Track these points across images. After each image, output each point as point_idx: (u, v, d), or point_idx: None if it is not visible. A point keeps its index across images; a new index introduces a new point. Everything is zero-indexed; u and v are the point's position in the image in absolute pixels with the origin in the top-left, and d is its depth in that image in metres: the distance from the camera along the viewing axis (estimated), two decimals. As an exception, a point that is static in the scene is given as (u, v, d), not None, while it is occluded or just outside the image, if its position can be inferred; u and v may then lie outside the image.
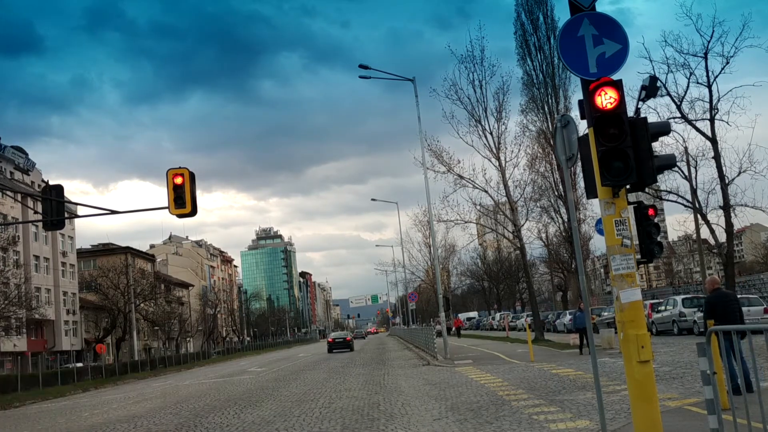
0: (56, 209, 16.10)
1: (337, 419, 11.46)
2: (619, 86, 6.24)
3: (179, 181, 14.36)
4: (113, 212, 17.37)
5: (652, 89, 18.63)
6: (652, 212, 7.14)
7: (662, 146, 23.78)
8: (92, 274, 64.46)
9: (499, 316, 62.71)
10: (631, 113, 9.24)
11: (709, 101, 25.37)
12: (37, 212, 31.39)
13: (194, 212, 14.66)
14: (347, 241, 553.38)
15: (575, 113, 13.31)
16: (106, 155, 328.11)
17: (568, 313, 42.93)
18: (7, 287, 38.90)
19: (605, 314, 34.32)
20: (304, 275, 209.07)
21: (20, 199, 49.11)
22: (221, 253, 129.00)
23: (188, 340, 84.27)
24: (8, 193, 43.04)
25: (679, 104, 25.76)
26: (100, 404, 21.42)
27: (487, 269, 78.56)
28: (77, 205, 21.47)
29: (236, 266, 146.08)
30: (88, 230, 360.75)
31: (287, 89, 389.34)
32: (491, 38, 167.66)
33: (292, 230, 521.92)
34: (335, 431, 10.34)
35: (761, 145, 52.22)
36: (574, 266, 44.06)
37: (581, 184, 22.21)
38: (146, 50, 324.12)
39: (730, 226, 26.21)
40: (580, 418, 9.35)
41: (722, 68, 25.00)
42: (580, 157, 6.94)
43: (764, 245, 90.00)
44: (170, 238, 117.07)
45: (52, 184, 16.82)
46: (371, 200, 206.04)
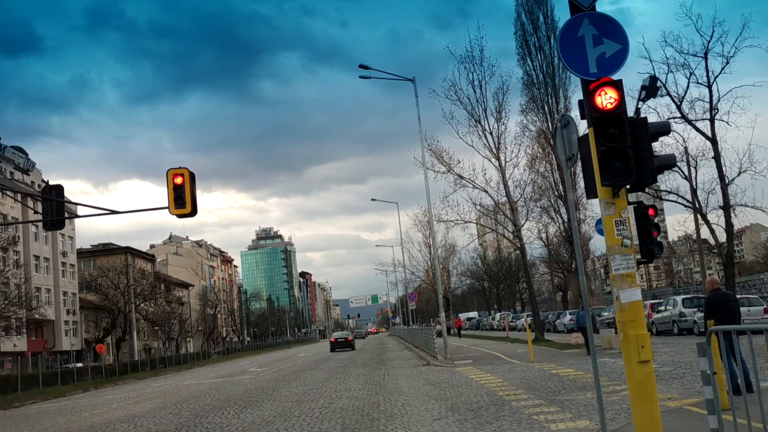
0: (56, 209, 16.11)
1: (337, 419, 11.46)
2: (619, 86, 6.24)
3: (179, 181, 14.36)
4: (113, 212, 17.39)
5: (652, 89, 18.61)
6: (652, 212, 7.15)
7: (662, 146, 23.80)
8: (92, 274, 64.49)
9: (499, 316, 62.71)
10: (631, 113, 9.24)
11: (709, 101, 25.37)
12: (37, 212, 31.38)
13: (194, 212, 14.67)
14: (347, 241, 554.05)
15: (575, 113, 13.31)
16: (106, 155, 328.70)
17: (568, 313, 42.95)
18: (7, 287, 38.90)
19: (605, 314, 34.31)
20: (304, 275, 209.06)
21: (20, 199, 49.13)
22: (221, 253, 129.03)
23: (188, 340, 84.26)
24: (8, 193, 43.05)
25: (679, 104, 25.75)
26: (100, 404, 21.43)
27: (487, 269, 78.54)
28: (77, 205, 21.47)
29: (236, 266, 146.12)
30: (88, 230, 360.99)
31: (287, 89, 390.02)
32: (491, 38, 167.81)
33: (292, 230, 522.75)
34: (335, 431, 10.34)
35: (761, 145, 52.14)
36: (574, 266, 44.04)
37: (581, 184, 22.18)
38: (146, 50, 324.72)
39: (730, 226, 26.20)
40: (580, 418, 9.35)
41: (722, 68, 25.00)
42: (580, 157, 6.94)
43: (764, 245, 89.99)
44: (170, 238, 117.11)
45: (52, 184, 16.82)
46: (371, 200, 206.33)
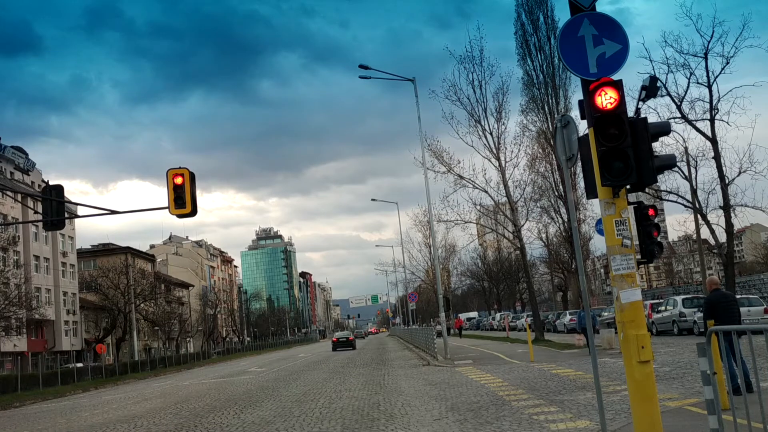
0: (56, 209, 16.10)
1: (337, 419, 11.46)
2: (619, 86, 6.24)
3: (179, 181, 14.35)
4: (113, 212, 17.38)
5: (652, 89, 18.57)
6: (652, 212, 7.15)
7: (662, 146, 23.83)
8: (92, 274, 64.47)
9: (499, 316, 62.74)
10: (631, 113, 9.23)
11: (709, 101, 25.40)
12: (37, 212, 31.37)
13: (194, 212, 14.66)
14: (347, 241, 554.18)
15: (575, 113, 13.27)
16: (105, 155, 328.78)
17: (568, 313, 42.96)
18: (7, 287, 38.88)
19: (605, 314, 34.32)
20: (304, 275, 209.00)
21: (20, 199, 49.14)
22: (221, 253, 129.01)
23: (188, 340, 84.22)
24: (8, 193, 43.04)
25: (679, 104, 25.77)
26: (100, 404, 21.43)
27: (487, 269, 78.53)
28: (77, 205, 21.42)
29: (236, 266, 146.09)
30: (88, 230, 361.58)
31: (286, 89, 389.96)
32: (490, 38, 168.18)
33: (291, 230, 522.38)
34: (335, 431, 10.34)
35: (761, 145, 52.10)
36: (574, 266, 44.02)
37: (581, 184, 22.19)
38: (145, 50, 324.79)
39: (730, 226, 26.20)
40: (580, 418, 9.35)
41: (722, 68, 25.04)
42: (580, 157, 6.94)
43: (764, 245, 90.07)
44: (170, 238, 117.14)
45: (51, 184, 16.81)
46: (371, 200, 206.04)
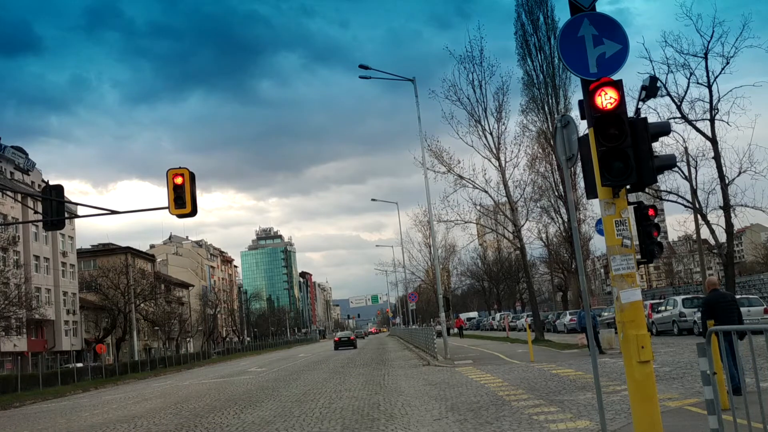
0: (56, 209, 16.10)
1: (337, 419, 11.46)
2: (619, 86, 6.23)
3: (179, 181, 14.35)
4: (113, 212, 17.38)
5: (652, 89, 18.58)
6: (652, 212, 7.15)
7: (662, 146, 23.85)
8: (92, 274, 64.47)
9: (499, 316, 62.75)
10: (631, 113, 9.23)
11: (709, 101, 25.42)
12: (37, 212, 31.38)
13: (194, 212, 14.66)
14: (347, 241, 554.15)
15: (575, 113, 13.31)
16: (105, 155, 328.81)
17: (568, 313, 42.96)
18: (7, 287, 38.88)
19: (605, 314, 34.31)
20: (304, 275, 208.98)
21: (20, 199, 49.14)
22: (221, 253, 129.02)
23: (188, 340, 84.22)
24: (8, 193, 43.05)
25: (679, 104, 25.78)
26: (100, 404, 21.43)
27: (487, 269, 78.54)
28: (77, 205, 21.43)
29: (236, 266, 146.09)
30: (88, 230, 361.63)
31: (286, 89, 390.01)
32: (490, 38, 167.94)
33: (291, 230, 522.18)
34: (335, 431, 10.34)
35: (761, 145, 52.11)
36: (574, 266, 44.05)
37: (581, 184, 22.21)
38: (145, 50, 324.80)
39: (730, 226, 26.21)
40: (580, 418, 9.35)
41: (722, 68, 25.06)
42: (580, 157, 6.94)
43: (764, 245, 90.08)
44: (170, 238, 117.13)
45: (51, 184, 16.81)
46: (371, 200, 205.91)
